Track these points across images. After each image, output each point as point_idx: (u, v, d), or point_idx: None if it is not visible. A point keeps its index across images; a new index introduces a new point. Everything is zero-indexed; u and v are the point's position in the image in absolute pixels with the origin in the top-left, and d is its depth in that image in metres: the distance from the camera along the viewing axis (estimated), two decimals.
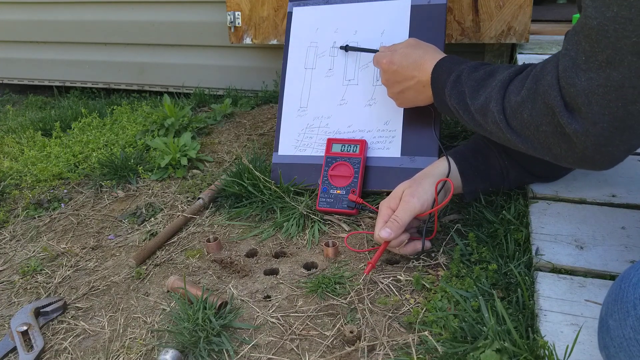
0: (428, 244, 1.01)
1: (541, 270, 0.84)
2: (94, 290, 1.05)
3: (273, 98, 2.08)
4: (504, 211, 1.02)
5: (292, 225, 1.16)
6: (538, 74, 0.76)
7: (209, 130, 1.82)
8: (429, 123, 1.20)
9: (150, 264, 1.11)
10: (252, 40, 1.90)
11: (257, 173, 1.26)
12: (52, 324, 0.97)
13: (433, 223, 1.02)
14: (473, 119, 0.89)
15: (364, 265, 1.02)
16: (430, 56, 1.03)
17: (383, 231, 0.94)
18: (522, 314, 0.79)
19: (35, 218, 1.37)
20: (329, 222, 1.17)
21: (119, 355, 0.87)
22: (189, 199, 1.36)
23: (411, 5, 1.26)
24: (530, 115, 0.76)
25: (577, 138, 0.70)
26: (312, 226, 1.15)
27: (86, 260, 1.16)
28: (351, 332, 0.83)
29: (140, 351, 0.87)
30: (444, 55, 1.03)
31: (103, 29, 2.33)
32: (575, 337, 0.70)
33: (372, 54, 1.19)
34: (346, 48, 1.30)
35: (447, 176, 1.01)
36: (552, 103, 0.71)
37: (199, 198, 1.30)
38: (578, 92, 0.68)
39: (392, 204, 0.99)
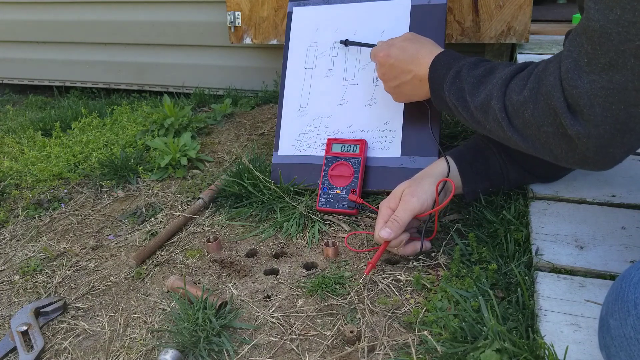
0: (428, 245, 1.01)
1: (541, 270, 0.84)
2: (94, 290, 1.05)
3: (273, 98, 2.08)
4: (504, 211, 1.02)
5: (292, 225, 1.16)
6: (540, 74, 0.75)
7: (209, 130, 1.82)
8: (429, 123, 1.20)
9: (150, 264, 1.11)
10: (252, 40, 1.90)
11: (257, 173, 1.26)
12: (52, 324, 0.97)
13: (433, 223, 1.02)
14: (472, 116, 0.89)
15: (364, 265, 1.02)
16: (428, 50, 1.02)
17: (383, 231, 0.94)
18: (522, 314, 0.79)
19: (35, 218, 1.37)
20: (329, 222, 1.17)
21: (119, 355, 0.87)
22: (189, 199, 1.36)
23: (411, 5, 1.26)
24: (532, 115, 0.75)
25: (578, 139, 0.70)
26: (312, 226, 1.15)
27: (86, 260, 1.16)
28: (351, 332, 0.83)
29: (140, 351, 0.87)
30: (442, 49, 1.02)
31: (103, 29, 2.33)
32: (575, 337, 0.70)
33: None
34: (346, 42, 1.30)
35: (447, 176, 1.00)
36: (554, 104, 0.71)
37: (199, 198, 1.30)
38: (580, 94, 0.68)
39: (392, 204, 0.99)
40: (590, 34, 0.66)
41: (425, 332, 0.81)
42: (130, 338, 0.91)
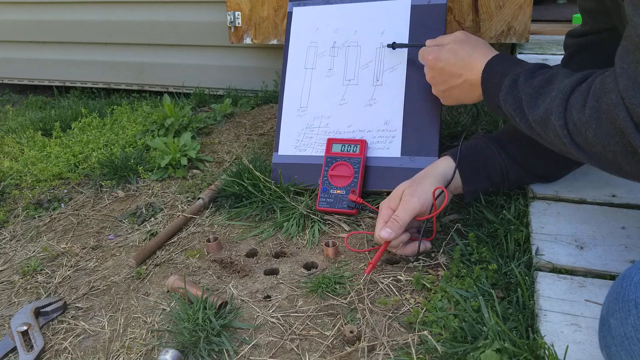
0: (428, 245, 1.01)
1: (541, 270, 0.84)
2: (94, 290, 1.05)
3: (273, 98, 2.08)
4: (504, 211, 1.02)
5: (292, 225, 1.16)
6: (598, 91, 0.72)
7: (209, 130, 1.82)
8: (429, 123, 1.20)
9: (150, 264, 1.11)
10: (252, 40, 1.90)
11: (257, 173, 1.26)
12: (52, 324, 0.97)
13: (431, 225, 1.02)
14: (531, 128, 0.85)
15: (364, 265, 1.02)
16: (480, 54, 0.98)
17: (383, 231, 0.94)
18: (522, 314, 0.79)
19: (35, 218, 1.37)
20: (329, 222, 1.17)
21: (119, 355, 0.87)
22: (189, 199, 1.36)
23: (411, 5, 1.26)
24: (595, 135, 0.72)
25: None
26: (312, 226, 1.15)
27: (86, 260, 1.16)
28: (351, 332, 0.83)
29: (140, 351, 0.87)
30: (494, 52, 0.98)
31: (103, 29, 2.33)
32: (575, 337, 0.70)
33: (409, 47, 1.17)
34: (393, 45, 1.24)
35: (451, 180, 1.00)
36: (620, 124, 0.68)
37: (199, 198, 1.30)
38: None
39: (392, 204, 0.99)
40: None
41: (425, 332, 0.81)
42: (130, 338, 0.91)
